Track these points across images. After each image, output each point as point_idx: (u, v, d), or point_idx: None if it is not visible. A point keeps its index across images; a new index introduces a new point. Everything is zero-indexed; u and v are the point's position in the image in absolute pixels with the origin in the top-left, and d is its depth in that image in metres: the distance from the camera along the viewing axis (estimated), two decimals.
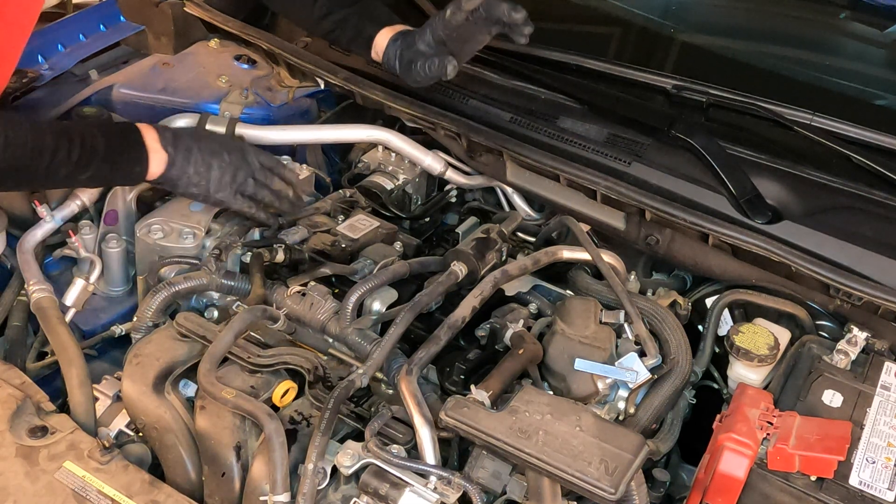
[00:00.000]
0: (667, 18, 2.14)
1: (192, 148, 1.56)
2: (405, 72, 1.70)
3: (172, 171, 1.55)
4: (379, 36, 1.75)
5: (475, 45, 1.67)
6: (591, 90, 1.87)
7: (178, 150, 1.55)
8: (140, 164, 1.52)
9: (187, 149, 1.56)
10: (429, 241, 1.90)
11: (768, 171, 1.69)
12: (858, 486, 1.26)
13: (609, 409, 1.44)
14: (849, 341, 1.51)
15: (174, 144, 1.55)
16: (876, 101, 1.91)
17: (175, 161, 1.54)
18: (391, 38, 1.73)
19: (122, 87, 2.01)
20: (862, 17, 1.99)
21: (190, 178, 1.56)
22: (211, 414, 1.37)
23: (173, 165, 1.54)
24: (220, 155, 1.59)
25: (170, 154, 1.54)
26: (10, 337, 1.57)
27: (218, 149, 1.59)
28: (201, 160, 1.57)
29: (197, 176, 1.56)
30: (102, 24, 2.18)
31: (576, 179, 1.71)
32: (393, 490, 1.25)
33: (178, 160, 1.55)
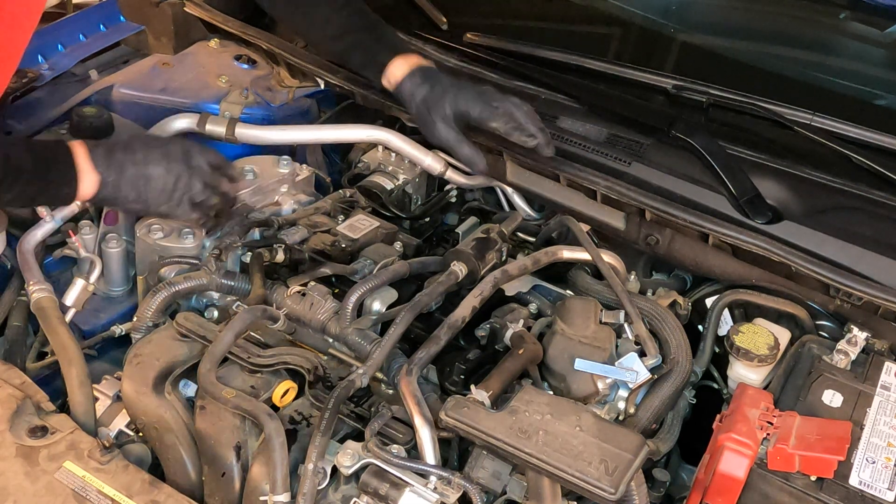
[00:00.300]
0: (667, 18, 2.14)
1: (125, 164, 1.47)
2: (421, 121, 1.66)
3: (106, 191, 1.46)
4: (393, 65, 1.70)
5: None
6: (591, 90, 1.87)
7: (110, 169, 1.46)
8: (69, 185, 1.44)
9: (120, 166, 1.47)
10: (429, 241, 1.90)
11: (768, 171, 1.69)
12: (858, 486, 1.26)
13: (609, 409, 1.44)
14: (849, 341, 1.51)
15: (106, 163, 1.46)
16: (876, 101, 1.91)
17: (107, 181, 1.46)
18: (408, 73, 1.68)
19: (122, 87, 2.01)
20: (862, 17, 1.99)
21: (126, 195, 1.48)
22: (211, 414, 1.37)
23: (106, 185, 1.46)
24: (159, 165, 1.49)
25: (101, 174, 1.45)
26: (10, 337, 1.57)
27: (157, 158, 1.50)
28: (136, 175, 1.48)
29: (133, 192, 1.48)
30: (102, 24, 2.18)
31: (576, 179, 1.71)
32: (393, 490, 1.25)
33: (110, 179, 1.46)
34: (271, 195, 1.81)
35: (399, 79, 1.68)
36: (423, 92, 1.66)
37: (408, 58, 1.70)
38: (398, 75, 1.68)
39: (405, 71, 1.68)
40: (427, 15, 2.10)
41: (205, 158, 1.54)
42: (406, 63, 1.69)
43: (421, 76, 1.67)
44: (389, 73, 1.70)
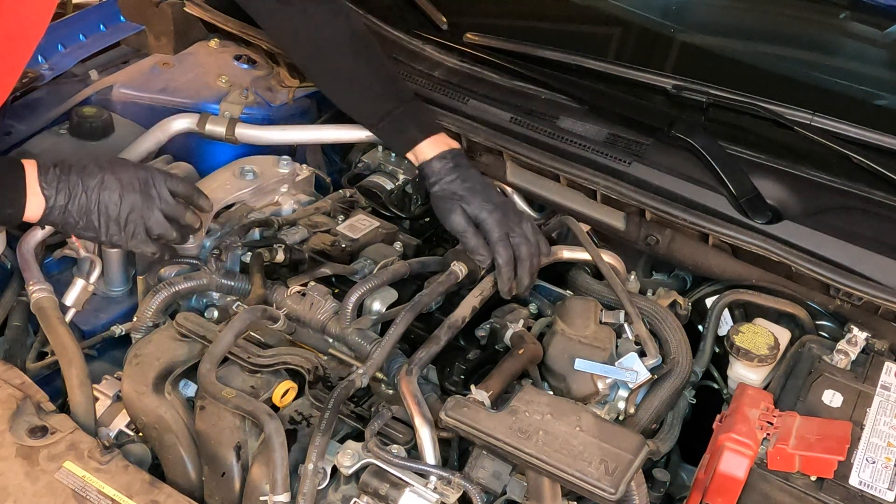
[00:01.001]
0: (667, 18, 2.14)
1: (76, 189, 1.40)
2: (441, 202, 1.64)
3: (52, 216, 1.40)
4: (425, 144, 1.68)
5: None
6: (591, 90, 1.87)
7: (59, 192, 1.39)
8: (13, 206, 1.38)
9: (70, 190, 1.40)
10: (429, 241, 1.90)
11: (768, 171, 1.69)
12: (858, 486, 1.26)
13: (609, 409, 1.44)
14: (849, 341, 1.51)
15: (56, 186, 1.39)
16: (876, 101, 1.91)
17: (54, 205, 1.39)
18: (439, 154, 1.66)
19: (122, 87, 2.01)
20: (862, 17, 1.99)
21: (75, 222, 1.41)
22: (211, 414, 1.37)
23: (52, 210, 1.39)
24: (113, 193, 1.42)
25: (47, 197, 1.39)
26: (10, 337, 1.57)
27: (112, 185, 1.42)
28: (87, 202, 1.41)
29: (83, 220, 1.41)
30: (102, 24, 2.18)
31: (576, 179, 1.71)
32: (393, 490, 1.25)
33: (56, 204, 1.39)
34: (271, 195, 1.81)
35: (428, 158, 1.67)
36: (451, 178, 1.64)
37: (437, 139, 1.70)
38: (428, 154, 1.67)
39: (436, 151, 1.67)
40: (427, 15, 2.10)
41: (168, 188, 1.47)
42: (438, 143, 1.69)
43: (453, 161, 1.66)
44: (419, 153, 1.69)
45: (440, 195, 1.64)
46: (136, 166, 1.48)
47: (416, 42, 2.03)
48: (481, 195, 1.62)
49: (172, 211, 1.47)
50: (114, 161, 1.48)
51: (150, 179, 1.45)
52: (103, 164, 1.44)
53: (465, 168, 1.66)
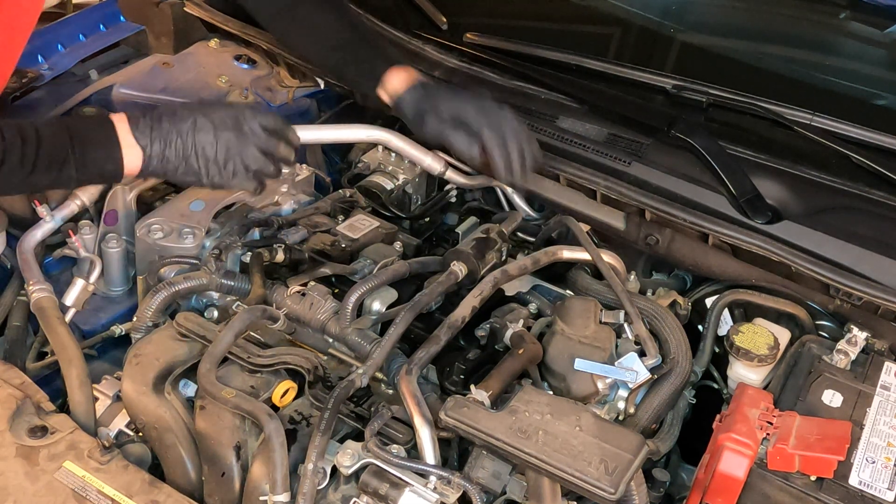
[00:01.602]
0: (667, 18, 2.14)
1: (170, 135, 1.41)
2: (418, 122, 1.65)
3: (152, 164, 1.41)
4: (391, 77, 1.68)
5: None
6: (591, 90, 1.87)
7: (155, 142, 1.41)
8: (112, 162, 1.39)
9: (165, 137, 1.41)
10: (429, 241, 1.90)
11: (768, 171, 1.69)
12: (858, 486, 1.26)
13: (609, 409, 1.44)
14: (849, 341, 1.51)
15: (150, 135, 1.40)
16: (876, 101, 1.91)
17: (152, 154, 1.41)
18: (409, 86, 1.66)
19: (122, 87, 2.01)
20: (862, 17, 1.99)
21: (175, 167, 1.43)
22: (211, 414, 1.37)
23: (151, 159, 1.41)
24: (208, 134, 1.43)
25: (144, 148, 1.40)
26: (10, 337, 1.57)
27: (206, 126, 1.43)
28: (183, 146, 1.42)
29: (183, 164, 1.43)
30: (102, 24, 2.18)
31: (576, 179, 1.71)
32: (393, 490, 1.25)
33: (154, 153, 1.41)
34: (271, 195, 1.81)
35: (399, 90, 1.67)
36: (421, 98, 1.65)
37: (406, 70, 1.69)
38: (397, 87, 1.67)
39: (406, 83, 1.67)
40: (427, 15, 2.10)
41: (259, 123, 1.48)
42: (405, 75, 1.68)
43: (422, 88, 1.67)
44: (388, 85, 1.68)
45: (415, 119, 1.65)
46: (225, 106, 1.50)
47: (416, 42, 2.03)
48: (453, 99, 1.62)
49: (266, 145, 1.48)
50: (203, 103, 1.50)
51: (240, 116, 1.46)
52: (193, 107, 1.46)
53: (434, 87, 1.66)
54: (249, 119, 1.47)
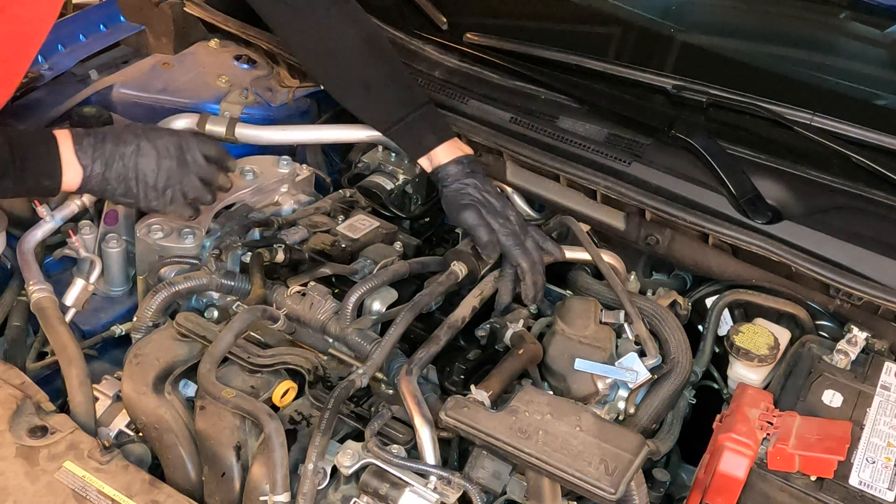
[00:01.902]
0: (667, 18, 2.13)
1: (113, 156, 1.44)
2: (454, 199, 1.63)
3: (91, 183, 1.44)
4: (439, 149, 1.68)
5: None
6: (591, 90, 1.87)
7: (96, 161, 1.43)
8: (50, 177, 1.41)
9: (108, 158, 1.44)
10: (429, 241, 1.90)
11: (768, 171, 1.69)
12: (858, 486, 1.26)
13: (609, 409, 1.44)
14: (849, 341, 1.51)
15: (93, 154, 1.43)
16: (876, 101, 1.90)
17: (93, 174, 1.43)
18: (455, 159, 1.66)
19: (122, 87, 2.01)
20: (862, 17, 1.99)
21: (114, 189, 1.46)
22: (211, 414, 1.37)
23: (91, 178, 1.43)
24: (151, 161, 1.47)
25: (85, 167, 1.43)
26: (10, 337, 1.57)
27: (148, 152, 1.47)
28: (124, 169, 1.45)
29: (122, 187, 1.46)
30: (102, 24, 2.18)
31: (576, 179, 1.71)
32: (393, 490, 1.25)
33: (94, 172, 1.43)
34: (271, 195, 1.81)
35: (443, 162, 1.66)
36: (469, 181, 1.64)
37: (455, 143, 1.70)
38: (443, 159, 1.67)
39: (452, 156, 1.67)
40: (427, 15, 2.10)
41: (201, 152, 1.52)
42: (453, 148, 1.68)
43: (469, 166, 1.66)
44: (434, 155, 1.68)
45: (456, 193, 1.63)
46: (170, 133, 1.53)
47: (416, 42, 2.03)
48: (497, 204, 1.62)
49: (207, 174, 1.53)
50: (148, 128, 1.52)
51: (184, 145, 1.50)
52: (138, 132, 1.49)
53: (482, 175, 1.66)
54: (192, 148, 1.51)
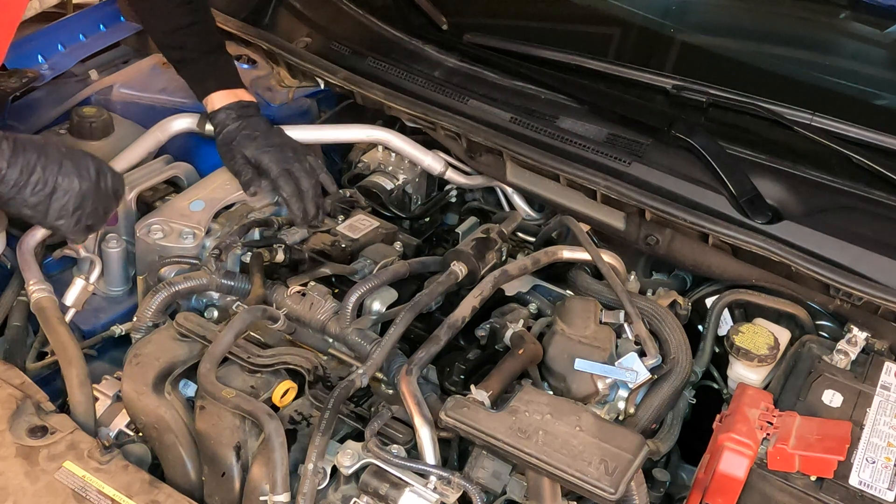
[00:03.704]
0: (667, 18, 2.13)
1: (33, 166, 1.38)
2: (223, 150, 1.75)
3: (1, 188, 1.37)
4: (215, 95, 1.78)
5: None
6: (591, 90, 1.87)
7: (13, 167, 1.36)
8: None
9: (27, 166, 1.37)
10: (429, 241, 1.90)
11: (768, 171, 1.69)
12: (858, 486, 1.26)
13: (609, 409, 1.44)
14: (849, 341, 1.51)
15: (10, 159, 1.36)
16: (876, 101, 1.90)
17: (6, 178, 1.36)
18: (225, 105, 1.76)
19: (122, 87, 2.01)
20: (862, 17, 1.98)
21: (25, 199, 1.39)
22: (211, 414, 1.37)
23: (3, 182, 1.36)
24: (70, 178, 1.41)
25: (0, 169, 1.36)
26: (10, 337, 1.57)
27: (70, 170, 1.42)
28: (43, 183, 1.39)
29: (34, 198, 1.39)
30: (102, 24, 2.18)
31: (576, 179, 1.71)
32: (393, 490, 1.25)
33: (9, 177, 1.36)
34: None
35: (216, 107, 1.77)
36: (232, 126, 1.75)
37: (232, 91, 1.79)
38: (216, 104, 1.77)
39: (223, 102, 1.77)
40: (427, 15, 2.10)
41: (111, 180, 1.49)
42: (228, 96, 1.78)
43: (236, 112, 1.76)
44: (209, 100, 1.78)
45: (220, 143, 1.75)
46: (91, 157, 1.48)
47: (416, 42, 2.03)
48: (261, 139, 1.72)
49: (109, 206, 1.51)
50: (71, 148, 1.47)
51: (102, 170, 1.47)
52: (61, 149, 1.44)
53: (248, 118, 1.76)
54: (107, 177, 1.48)
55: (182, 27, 1.79)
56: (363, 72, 1.96)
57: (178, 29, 1.79)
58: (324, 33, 2.09)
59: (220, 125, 1.76)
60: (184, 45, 1.80)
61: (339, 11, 2.13)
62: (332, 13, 2.14)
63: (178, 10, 1.79)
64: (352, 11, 2.12)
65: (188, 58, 1.80)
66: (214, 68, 1.81)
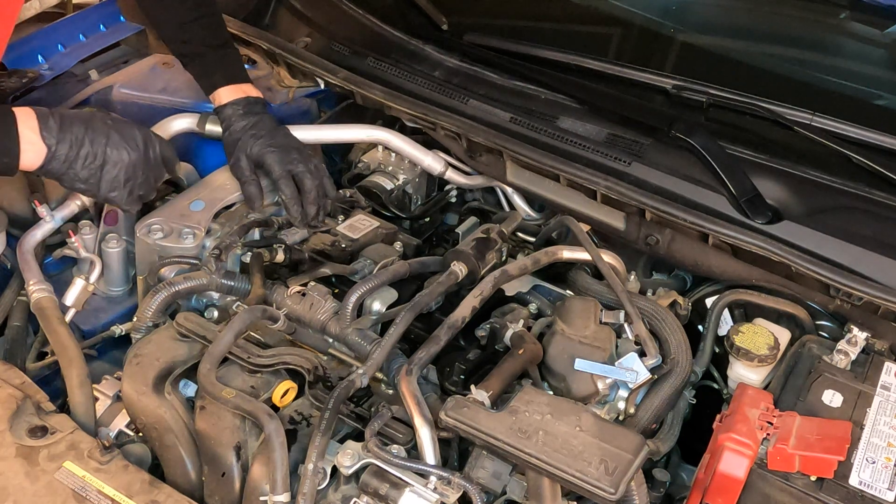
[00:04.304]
0: (667, 18, 2.13)
1: (81, 140, 1.41)
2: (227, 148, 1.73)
3: (53, 164, 1.40)
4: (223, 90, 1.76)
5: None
6: (591, 90, 1.87)
7: (63, 143, 1.39)
8: (7, 154, 1.36)
9: (76, 141, 1.40)
10: (429, 241, 1.90)
11: (768, 171, 1.69)
12: (858, 486, 1.26)
13: (609, 409, 1.44)
14: (849, 341, 1.51)
15: (59, 135, 1.39)
16: (876, 101, 1.90)
17: (58, 154, 1.39)
18: (233, 100, 1.74)
19: (122, 87, 2.01)
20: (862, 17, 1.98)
21: (77, 173, 1.42)
22: (211, 414, 1.37)
23: (55, 159, 1.39)
24: (119, 150, 1.44)
25: (50, 147, 1.39)
26: (10, 337, 1.57)
27: (118, 141, 1.45)
28: (93, 156, 1.42)
29: (85, 171, 1.42)
30: (102, 24, 2.18)
31: (576, 179, 1.71)
32: (393, 490, 1.25)
33: (59, 153, 1.39)
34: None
35: (223, 102, 1.75)
36: (240, 124, 1.73)
37: (239, 87, 1.77)
38: (223, 99, 1.75)
39: (231, 97, 1.75)
40: (427, 15, 2.10)
41: (161, 152, 1.52)
42: (235, 91, 1.76)
43: (243, 107, 1.74)
44: (216, 95, 1.76)
45: (226, 141, 1.73)
46: (137, 127, 1.51)
47: (416, 42, 2.03)
48: (266, 139, 1.70)
49: (159, 175, 1.54)
50: (117, 119, 1.50)
51: (149, 141, 1.50)
52: (108, 121, 1.47)
53: (255, 115, 1.74)
54: (155, 146, 1.51)
55: (190, 20, 1.78)
56: (363, 72, 1.96)
57: (187, 22, 1.78)
58: (324, 33, 2.09)
59: (226, 121, 1.74)
60: (192, 39, 1.79)
61: (340, 11, 2.13)
62: (332, 13, 2.14)
63: (186, 4, 1.78)
64: (352, 11, 2.12)
65: (196, 52, 1.79)
66: (222, 63, 1.80)
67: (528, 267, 1.62)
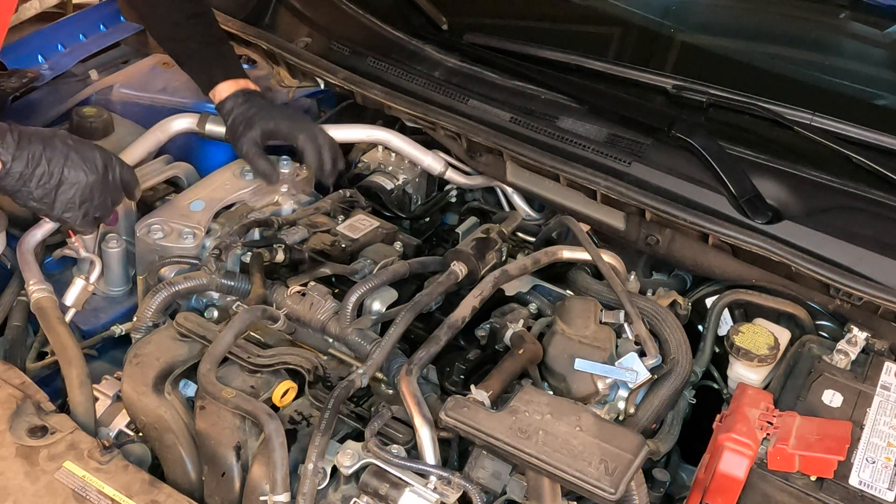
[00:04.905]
0: (667, 18, 2.14)
1: (38, 159, 1.38)
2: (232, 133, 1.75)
3: (7, 180, 1.37)
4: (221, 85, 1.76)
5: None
6: (591, 90, 1.87)
7: (19, 160, 1.36)
8: None
9: (33, 159, 1.38)
10: (429, 241, 1.90)
11: (768, 171, 1.69)
12: (858, 486, 1.26)
13: (609, 409, 1.44)
14: (849, 341, 1.51)
15: (15, 152, 1.36)
16: (876, 101, 1.91)
17: (13, 171, 1.36)
18: (232, 93, 1.75)
19: (122, 87, 2.01)
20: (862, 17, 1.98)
21: (31, 192, 1.39)
22: (211, 414, 1.37)
23: (8, 175, 1.36)
24: (77, 171, 1.42)
25: (4, 163, 1.36)
26: (10, 337, 1.57)
27: (76, 162, 1.42)
28: (49, 176, 1.39)
29: (40, 191, 1.40)
30: (102, 24, 2.18)
31: (576, 179, 1.71)
32: (393, 490, 1.25)
33: (14, 170, 1.36)
34: (271, 195, 1.81)
35: (223, 97, 1.76)
36: (239, 111, 1.74)
37: (237, 81, 1.77)
38: (223, 94, 1.76)
39: (230, 91, 1.75)
40: (427, 15, 2.10)
41: (121, 175, 1.50)
42: (233, 85, 1.76)
43: (243, 97, 1.75)
44: (216, 91, 1.77)
45: (229, 130, 1.74)
46: (98, 149, 1.49)
47: (416, 42, 2.03)
48: (269, 113, 1.72)
49: (117, 198, 1.52)
50: (78, 140, 1.47)
51: (110, 163, 1.48)
52: (69, 142, 1.44)
53: (253, 99, 1.74)
54: (115, 169, 1.49)
55: (186, 19, 1.79)
56: (363, 72, 1.96)
57: (180, 22, 1.78)
58: (324, 33, 2.09)
59: (228, 113, 1.74)
60: (188, 37, 1.79)
61: (339, 11, 2.13)
62: (332, 13, 2.14)
63: (178, 3, 1.79)
64: (352, 11, 2.12)
65: (193, 50, 1.79)
66: (219, 59, 1.80)
67: (528, 267, 1.62)
